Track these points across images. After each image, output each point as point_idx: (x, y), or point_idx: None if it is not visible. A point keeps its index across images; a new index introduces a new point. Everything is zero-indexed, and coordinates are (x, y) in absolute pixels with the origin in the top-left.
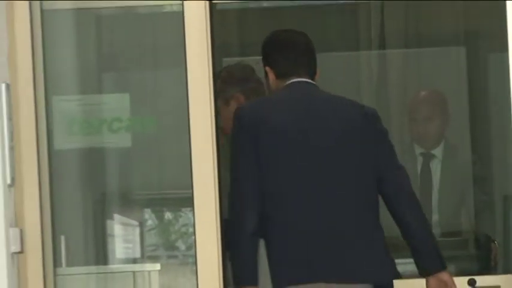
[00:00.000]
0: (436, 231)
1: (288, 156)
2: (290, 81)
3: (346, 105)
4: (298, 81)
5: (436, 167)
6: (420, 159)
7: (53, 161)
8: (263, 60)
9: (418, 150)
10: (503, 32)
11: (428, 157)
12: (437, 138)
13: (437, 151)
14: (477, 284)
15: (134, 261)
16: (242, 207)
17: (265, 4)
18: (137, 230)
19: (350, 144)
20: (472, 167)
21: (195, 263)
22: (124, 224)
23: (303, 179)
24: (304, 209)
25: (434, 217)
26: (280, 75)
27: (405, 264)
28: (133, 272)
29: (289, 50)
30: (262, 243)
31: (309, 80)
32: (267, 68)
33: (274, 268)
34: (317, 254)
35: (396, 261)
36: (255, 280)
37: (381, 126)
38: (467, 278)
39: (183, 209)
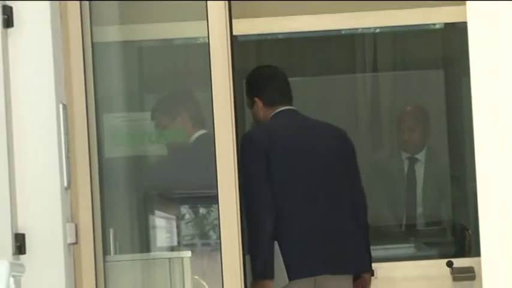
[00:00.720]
0: (420, 221)
1: (292, 173)
2: (279, 110)
3: (327, 129)
4: (287, 109)
5: (419, 169)
6: (406, 163)
7: (103, 167)
8: (250, 92)
9: (405, 155)
10: None
11: (413, 161)
12: (420, 145)
13: (421, 156)
14: (454, 265)
15: (172, 249)
16: (263, 214)
17: (279, 36)
18: (174, 223)
19: (335, 162)
20: (449, 168)
21: (220, 249)
22: (163, 218)
23: (305, 192)
24: (307, 216)
25: (419, 210)
26: (268, 104)
27: (387, 249)
28: (169, 259)
29: (274, 81)
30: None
31: (293, 108)
32: (256, 98)
33: (290, 262)
34: (320, 251)
35: (380, 246)
36: (272, 274)
37: (352, 146)
38: (445, 260)
39: (213, 205)
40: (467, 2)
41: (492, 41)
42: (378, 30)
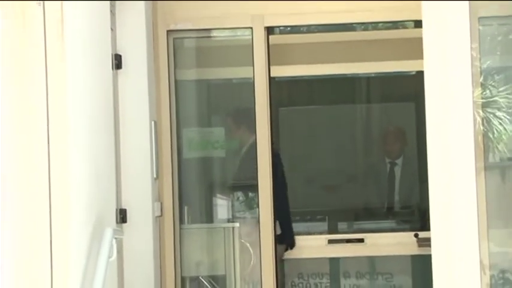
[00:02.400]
0: (396, 205)
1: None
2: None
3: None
4: None
5: (397, 170)
6: (388, 166)
7: (181, 164)
8: (235, 121)
9: (388, 160)
10: None
11: (393, 164)
12: (398, 153)
13: (399, 161)
14: (419, 236)
15: (227, 221)
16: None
17: (306, 78)
18: (228, 203)
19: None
20: (418, 170)
21: (258, 222)
22: (221, 199)
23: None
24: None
25: (396, 197)
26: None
27: (374, 224)
28: (224, 227)
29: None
30: None
31: None
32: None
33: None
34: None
35: (369, 221)
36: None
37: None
38: (413, 233)
39: (255, 191)
40: (424, 57)
41: (444, 85)
42: (372, 75)
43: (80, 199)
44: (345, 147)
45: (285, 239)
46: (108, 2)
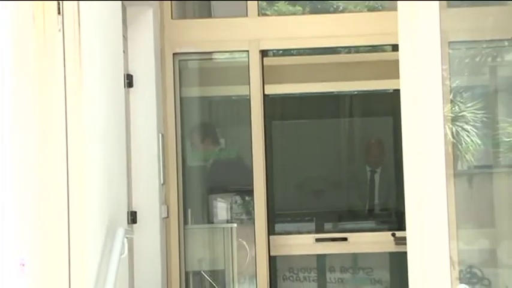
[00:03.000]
0: (376, 208)
1: None
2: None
3: None
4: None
5: (377, 177)
6: (369, 173)
7: (185, 171)
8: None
9: (368, 168)
10: None
11: (373, 172)
12: (378, 163)
13: (378, 170)
14: (396, 235)
15: (226, 221)
16: None
17: (296, 95)
18: (228, 205)
19: None
20: (395, 177)
21: (254, 222)
22: (221, 202)
23: None
24: None
25: (376, 201)
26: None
27: (356, 224)
28: (223, 227)
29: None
30: None
31: None
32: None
33: None
34: None
35: (352, 222)
36: None
37: None
38: (391, 232)
39: (251, 196)
40: (400, 77)
41: (418, 101)
42: (355, 92)
43: (95, 202)
44: (330, 156)
45: None
46: (121, 27)
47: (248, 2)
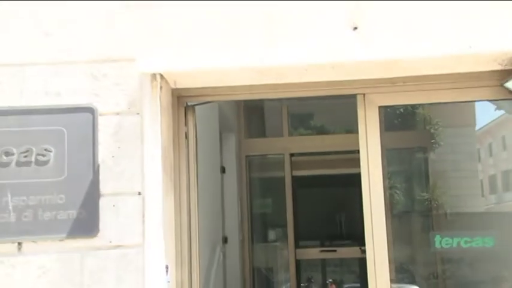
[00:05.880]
0: (350, 233)
1: None
2: None
3: None
4: None
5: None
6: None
7: (252, 216)
8: None
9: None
10: None
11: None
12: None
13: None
14: (363, 248)
15: (274, 241)
16: None
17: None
18: (274, 232)
19: None
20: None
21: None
22: (271, 230)
23: None
24: None
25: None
26: None
27: (341, 242)
28: (272, 245)
29: None
30: None
31: None
32: None
33: None
34: None
35: (338, 241)
36: None
37: None
38: (359, 247)
39: None
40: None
41: (371, 177)
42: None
43: (203, 230)
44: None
45: None
46: (219, 140)
47: (283, 127)
